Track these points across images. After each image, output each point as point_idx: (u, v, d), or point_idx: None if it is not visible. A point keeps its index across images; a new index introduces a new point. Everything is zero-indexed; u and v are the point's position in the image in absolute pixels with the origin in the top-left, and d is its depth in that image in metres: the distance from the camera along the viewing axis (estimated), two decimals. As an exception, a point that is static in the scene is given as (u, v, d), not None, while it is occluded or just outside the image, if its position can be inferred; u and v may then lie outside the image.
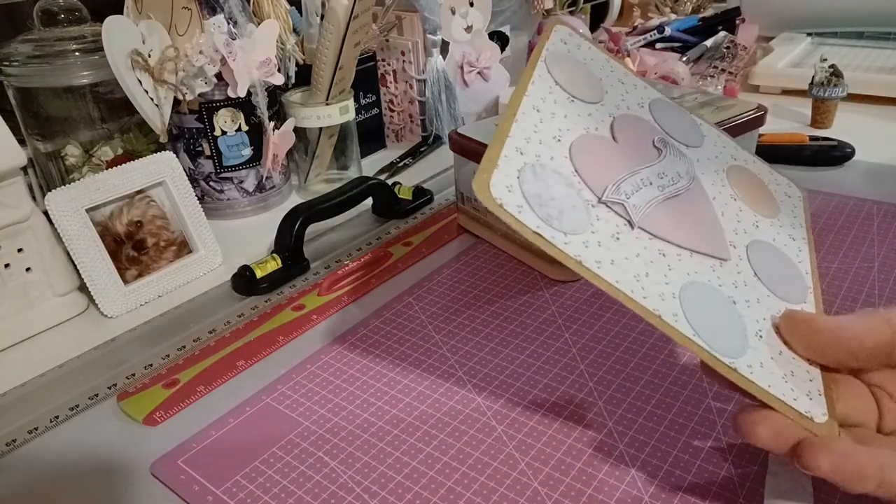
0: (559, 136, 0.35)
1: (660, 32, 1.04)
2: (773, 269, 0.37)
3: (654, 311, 0.30)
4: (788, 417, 0.29)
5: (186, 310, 0.53)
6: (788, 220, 0.41)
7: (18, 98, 0.60)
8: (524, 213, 0.30)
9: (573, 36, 0.43)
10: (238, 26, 0.62)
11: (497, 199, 0.30)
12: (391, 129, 0.86)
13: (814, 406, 0.30)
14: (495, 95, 0.86)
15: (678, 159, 0.38)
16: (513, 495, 0.34)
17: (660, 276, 0.32)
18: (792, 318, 0.33)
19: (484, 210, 0.58)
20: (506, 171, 0.32)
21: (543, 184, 0.32)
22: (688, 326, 0.30)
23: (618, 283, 0.30)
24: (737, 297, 0.33)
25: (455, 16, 0.81)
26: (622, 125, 0.39)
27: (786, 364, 0.31)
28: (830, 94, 0.80)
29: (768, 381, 0.30)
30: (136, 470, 0.38)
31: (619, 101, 0.41)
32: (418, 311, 0.50)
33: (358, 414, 0.40)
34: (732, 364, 0.30)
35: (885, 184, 0.67)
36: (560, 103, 0.37)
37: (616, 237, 0.32)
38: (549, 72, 0.39)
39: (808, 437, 0.29)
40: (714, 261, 0.35)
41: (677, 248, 0.34)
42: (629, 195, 0.34)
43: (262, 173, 0.68)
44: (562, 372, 0.43)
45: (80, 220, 0.51)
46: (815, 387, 0.31)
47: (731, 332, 0.32)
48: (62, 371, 0.47)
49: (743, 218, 0.39)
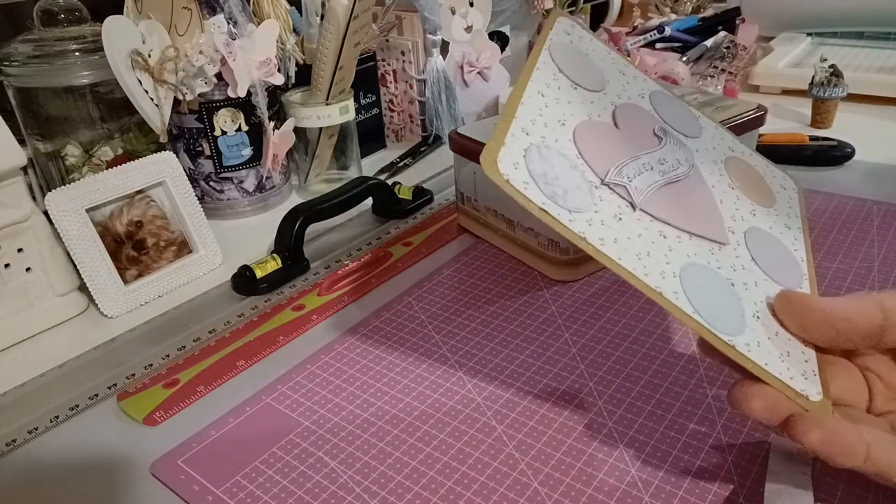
0: (563, 120, 0.36)
1: (660, 32, 1.04)
2: (770, 255, 0.37)
3: (656, 288, 0.31)
4: (784, 395, 0.30)
5: (186, 310, 0.53)
6: (784, 210, 0.42)
7: (18, 98, 0.60)
8: (530, 189, 0.31)
9: (575, 27, 0.44)
10: (238, 26, 0.62)
11: (504, 174, 0.31)
12: (391, 129, 0.86)
13: (809, 385, 0.31)
14: (495, 95, 0.86)
15: (678, 148, 0.39)
16: (513, 495, 0.34)
17: (661, 256, 0.32)
18: (786, 297, 0.33)
19: (484, 210, 0.58)
20: (512, 149, 0.32)
21: (548, 164, 0.33)
22: (688, 304, 0.31)
23: (620, 260, 0.31)
24: (735, 280, 0.34)
25: (455, 16, 0.81)
26: (624, 113, 0.39)
27: (782, 344, 0.32)
28: (830, 94, 0.80)
29: (765, 360, 0.31)
30: (136, 470, 0.38)
31: (621, 90, 0.41)
32: (418, 311, 0.50)
33: (358, 414, 0.40)
34: (731, 341, 0.31)
35: (885, 184, 0.67)
36: (564, 90, 0.38)
37: (618, 217, 0.33)
38: (553, 60, 0.39)
39: (800, 411, 0.29)
40: (713, 244, 0.35)
41: (677, 231, 0.35)
42: (631, 178, 0.35)
43: (262, 173, 0.68)
44: (562, 372, 0.43)
45: (80, 220, 0.51)
46: (811, 367, 0.32)
47: (730, 311, 0.32)
48: (62, 371, 0.47)
49: (741, 206, 0.40)
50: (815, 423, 0.28)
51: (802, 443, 0.28)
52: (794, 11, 1.10)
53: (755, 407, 0.30)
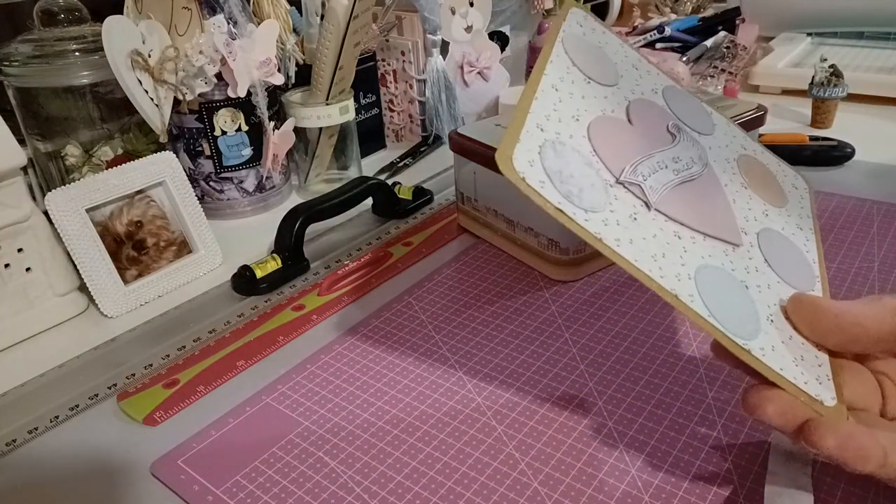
0: (577, 115, 0.36)
1: (660, 32, 1.04)
2: (783, 256, 0.37)
3: (671, 291, 0.30)
4: (800, 400, 0.30)
5: (186, 310, 0.53)
6: (796, 210, 0.42)
7: (18, 98, 0.60)
8: (546, 188, 0.30)
9: (588, 19, 0.43)
10: (238, 26, 0.62)
11: (520, 172, 0.30)
12: (391, 129, 0.86)
13: (823, 390, 0.30)
14: (495, 95, 0.86)
15: (691, 145, 0.39)
16: (513, 495, 0.34)
17: (676, 258, 0.32)
18: (799, 300, 0.33)
19: (484, 210, 0.58)
20: (527, 146, 0.32)
21: (563, 161, 0.32)
22: (703, 307, 0.31)
23: (636, 262, 0.31)
24: (749, 282, 0.34)
25: (455, 16, 0.81)
26: (637, 109, 0.39)
27: (796, 349, 0.32)
28: (830, 94, 0.80)
29: (780, 364, 0.30)
30: (136, 470, 0.38)
31: (634, 85, 0.41)
32: (418, 311, 0.50)
33: (358, 414, 0.40)
34: (746, 346, 0.30)
35: (885, 184, 0.67)
36: (577, 84, 0.38)
37: (633, 217, 0.33)
38: (567, 53, 0.39)
39: (815, 417, 0.29)
40: (727, 245, 0.35)
41: (692, 232, 0.34)
42: (646, 177, 0.34)
43: (262, 173, 0.68)
44: (562, 372, 0.43)
45: (80, 220, 0.51)
46: (824, 372, 0.31)
47: (745, 314, 0.32)
48: (62, 371, 0.47)
49: (753, 206, 0.39)
50: (830, 429, 0.28)
51: (819, 449, 0.28)
52: (794, 11, 1.10)
53: (770, 412, 0.29)
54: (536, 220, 0.53)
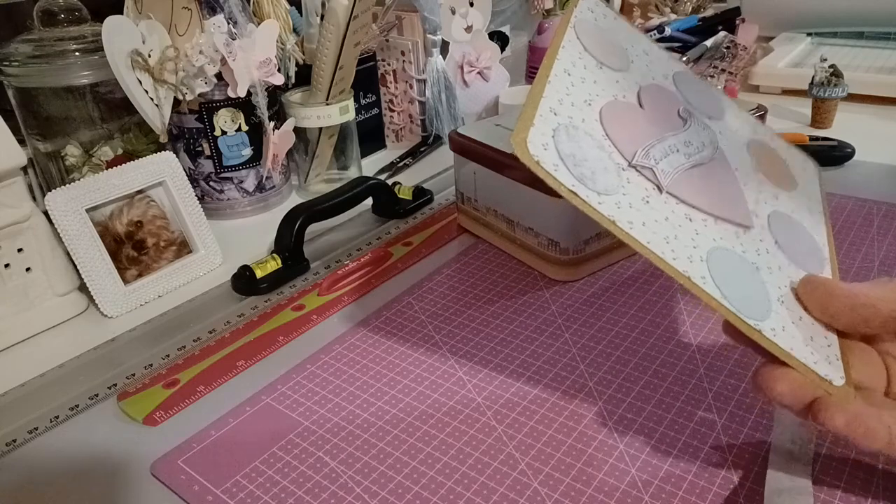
0: (589, 100, 0.36)
1: (660, 32, 1.04)
2: (793, 239, 0.37)
3: (684, 273, 0.31)
4: (808, 379, 0.30)
5: (186, 310, 0.53)
6: (805, 193, 0.42)
7: (18, 98, 0.60)
8: (560, 171, 0.31)
9: (599, 5, 0.44)
10: (238, 26, 0.62)
11: (535, 156, 0.31)
12: (391, 129, 0.86)
13: (832, 370, 0.31)
14: (495, 95, 0.86)
15: (702, 129, 0.39)
16: (513, 495, 0.34)
17: (688, 240, 0.32)
18: (810, 282, 0.34)
19: (484, 210, 0.58)
20: (541, 129, 0.32)
21: (577, 144, 0.33)
22: (715, 288, 0.31)
23: (649, 244, 0.31)
24: (760, 264, 0.34)
25: (455, 16, 0.81)
26: (648, 94, 0.39)
27: (806, 329, 0.32)
28: (830, 94, 0.80)
29: (790, 345, 0.31)
30: (136, 470, 0.38)
31: (645, 70, 0.41)
32: (418, 311, 0.50)
33: (358, 414, 0.40)
34: (757, 326, 0.31)
35: (885, 184, 0.67)
36: (589, 69, 0.38)
37: (646, 200, 0.33)
38: (579, 38, 0.39)
39: (824, 396, 0.30)
40: (738, 228, 0.36)
41: (703, 214, 0.35)
42: (658, 160, 0.35)
43: (262, 173, 0.68)
44: (562, 372, 0.43)
45: (80, 220, 0.51)
46: (833, 352, 0.32)
47: (756, 296, 0.32)
48: (62, 371, 0.47)
49: (764, 189, 0.40)
50: (839, 408, 0.29)
51: (827, 426, 0.29)
52: (794, 11, 1.10)
53: (780, 390, 0.30)
54: (536, 221, 0.53)
